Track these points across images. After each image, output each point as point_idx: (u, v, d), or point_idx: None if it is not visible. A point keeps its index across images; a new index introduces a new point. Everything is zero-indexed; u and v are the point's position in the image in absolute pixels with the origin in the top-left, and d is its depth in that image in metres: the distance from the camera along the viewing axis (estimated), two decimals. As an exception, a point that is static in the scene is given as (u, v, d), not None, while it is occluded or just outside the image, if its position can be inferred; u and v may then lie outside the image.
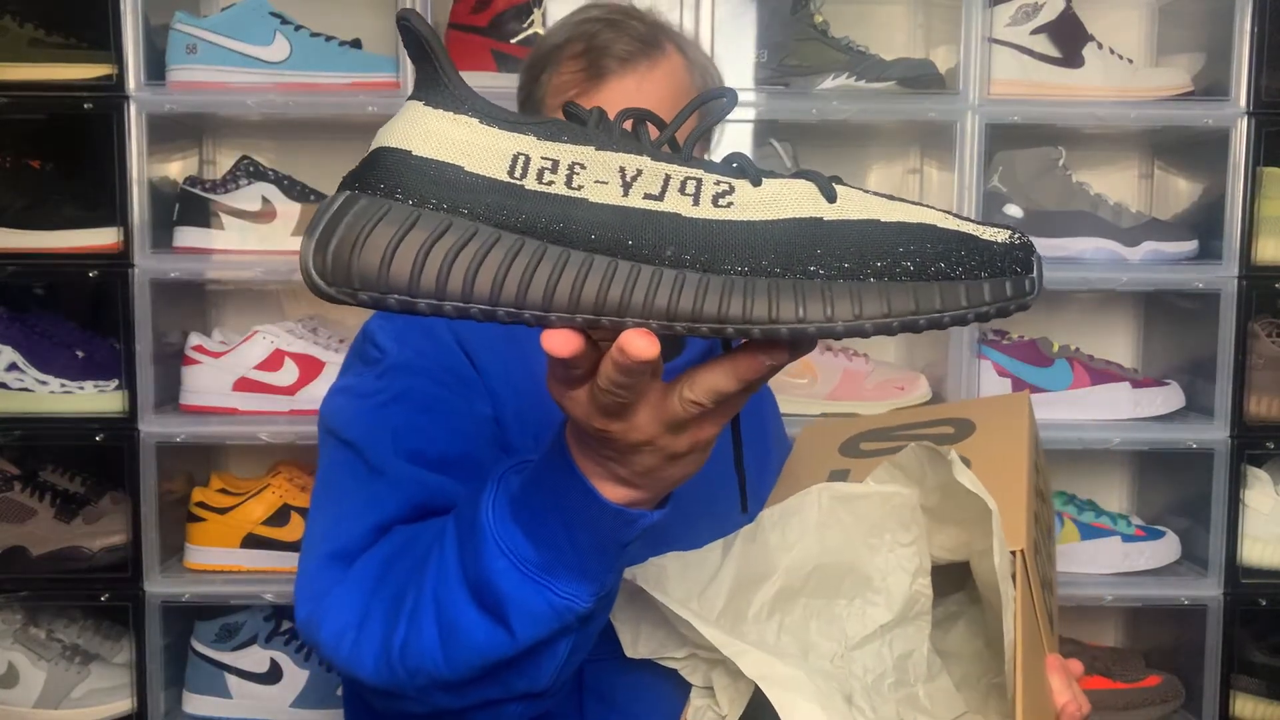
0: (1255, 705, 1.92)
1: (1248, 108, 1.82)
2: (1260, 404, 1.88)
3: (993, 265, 0.64)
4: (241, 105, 1.82)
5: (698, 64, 1.27)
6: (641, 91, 1.21)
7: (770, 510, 1.06)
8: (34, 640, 1.88)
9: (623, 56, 1.21)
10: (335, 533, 0.98)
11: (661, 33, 1.25)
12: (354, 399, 1.09)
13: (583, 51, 1.22)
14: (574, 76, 1.22)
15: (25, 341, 1.87)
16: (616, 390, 0.69)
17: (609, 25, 1.22)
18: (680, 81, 1.24)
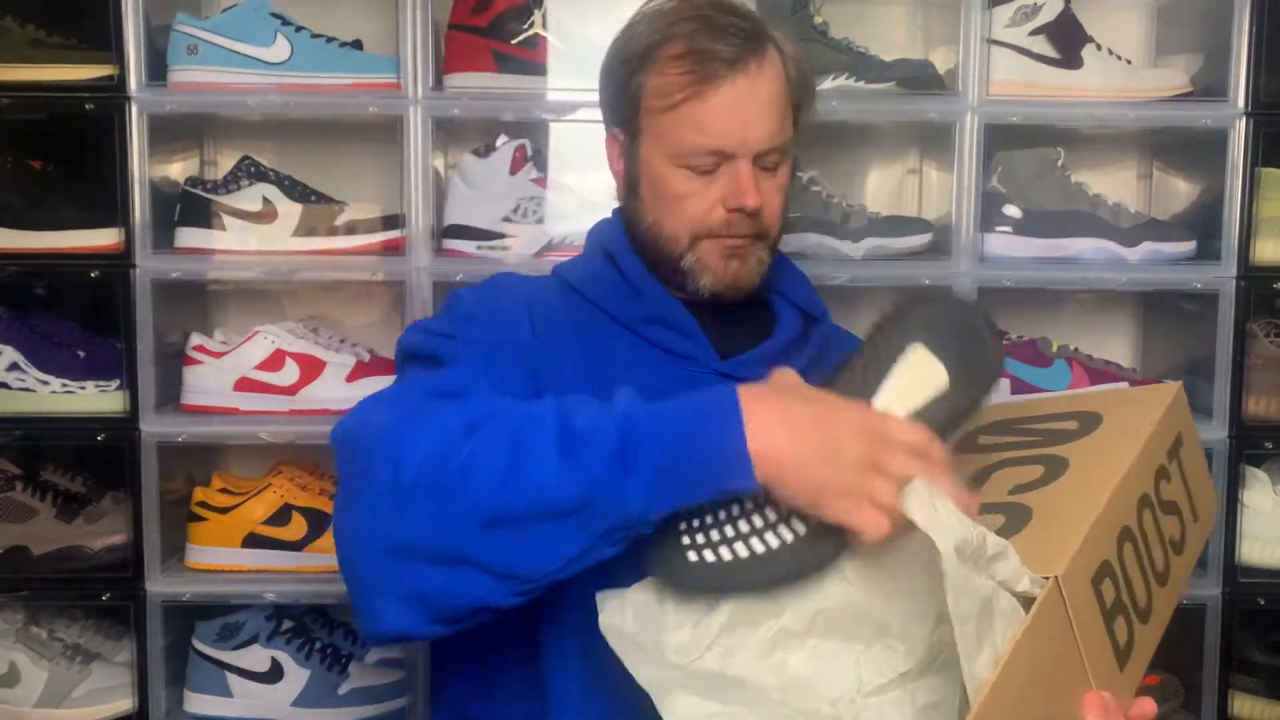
0: (1254, 704, 1.92)
1: (1246, 108, 1.83)
2: (1259, 404, 1.89)
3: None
4: (242, 106, 1.82)
5: (792, 56, 1.28)
6: (754, 91, 1.23)
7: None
8: (35, 640, 1.88)
9: (731, 59, 1.22)
10: (386, 397, 1.11)
11: (761, 28, 1.26)
12: (422, 333, 1.21)
13: (685, 53, 1.23)
14: (680, 79, 1.23)
15: (26, 341, 1.87)
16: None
17: (708, 25, 1.23)
18: (780, 73, 1.26)
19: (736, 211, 1.24)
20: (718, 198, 1.25)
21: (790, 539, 0.97)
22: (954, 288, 1.55)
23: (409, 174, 1.81)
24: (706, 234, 1.26)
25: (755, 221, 1.26)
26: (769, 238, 1.29)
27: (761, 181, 1.25)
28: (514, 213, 1.87)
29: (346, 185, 1.96)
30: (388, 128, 1.82)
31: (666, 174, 1.26)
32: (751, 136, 1.23)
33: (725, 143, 1.23)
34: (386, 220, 1.89)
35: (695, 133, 1.23)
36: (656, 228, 1.29)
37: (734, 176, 1.24)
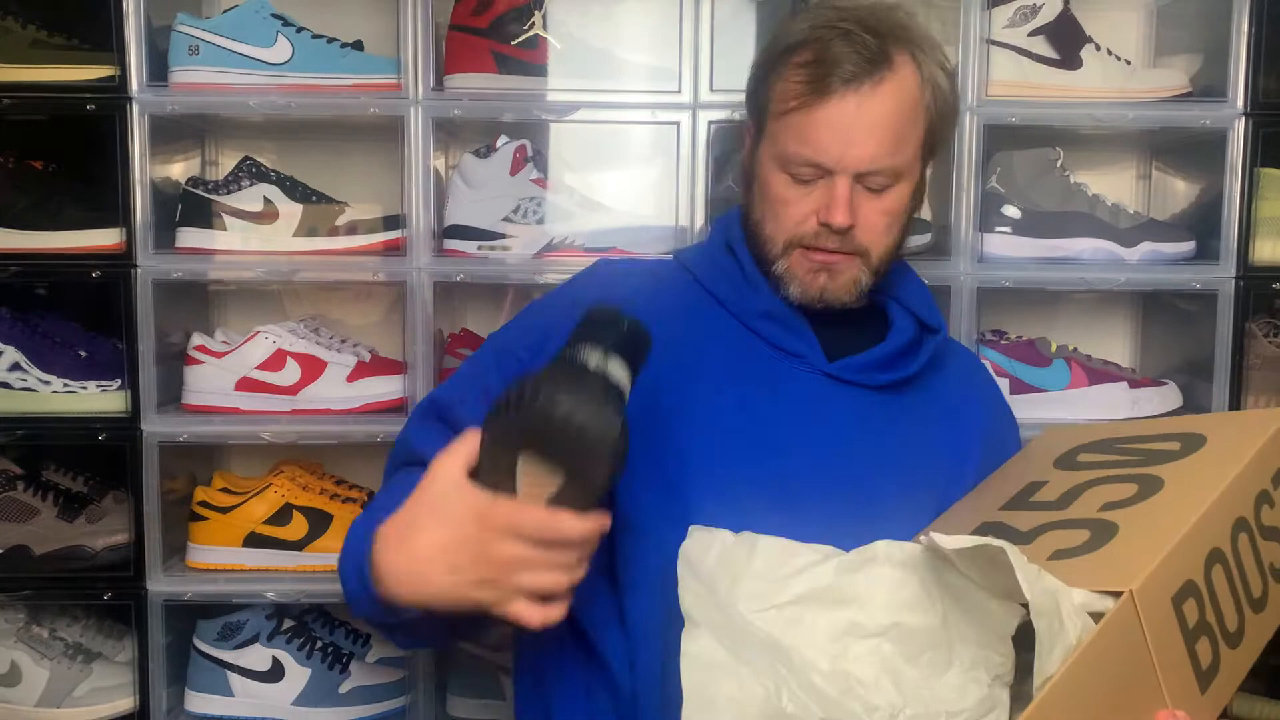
0: (1253, 704, 1.93)
1: (1245, 109, 1.83)
2: (1257, 404, 1.89)
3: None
4: (243, 106, 1.83)
5: (930, 78, 1.27)
6: (862, 111, 1.23)
7: (889, 547, 1.06)
8: (36, 639, 1.88)
9: (846, 76, 1.22)
10: (389, 460, 1.35)
11: (895, 44, 1.25)
12: (485, 344, 1.38)
13: (810, 62, 1.23)
14: (797, 87, 1.24)
15: (28, 342, 1.88)
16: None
17: (843, 36, 1.23)
18: (906, 100, 1.25)
19: (826, 226, 1.25)
20: (812, 209, 1.26)
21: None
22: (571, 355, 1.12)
23: (409, 174, 1.81)
24: (798, 243, 1.27)
25: (847, 239, 1.26)
26: (869, 257, 1.28)
27: (862, 201, 1.26)
28: (514, 213, 1.88)
29: (347, 186, 1.97)
30: (388, 128, 1.82)
31: (771, 176, 1.28)
32: (851, 155, 1.23)
33: (823, 157, 1.24)
34: (387, 220, 1.90)
35: (798, 142, 1.24)
36: (759, 227, 1.31)
37: (830, 191, 1.24)
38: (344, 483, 1.96)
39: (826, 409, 1.28)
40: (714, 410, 1.25)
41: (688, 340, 1.28)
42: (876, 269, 1.30)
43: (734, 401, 1.26)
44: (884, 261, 1.31)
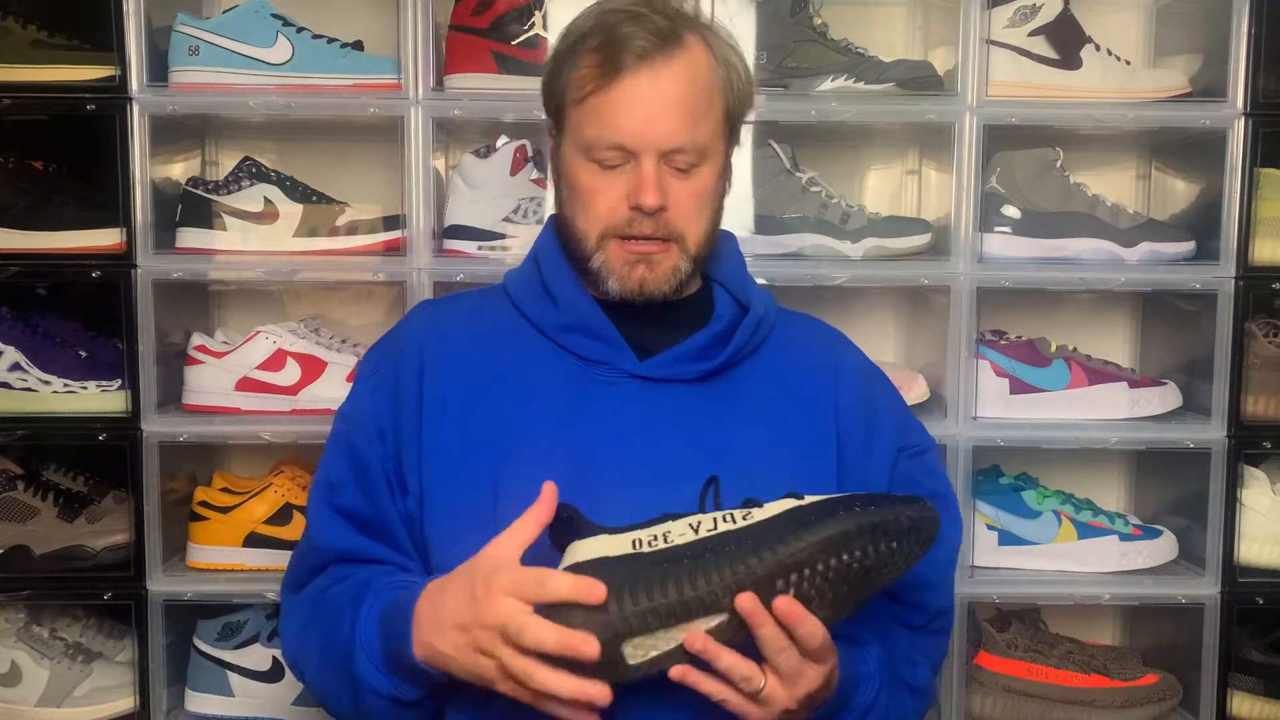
0: (1253, 703, 1.93)
1: (1245, 109, 1.83)
2: (1257, 404, 1.89)
3: (901, 500, 1.09)
4: (243, 106, 1.83)
5: (723, 59, 1.26)
6: (655, 87, 1.21)
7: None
8: (37, 639, 1.89)
9: (639, 53, 1.21)
10: (292, 566, 1.33)
11: (684, 24, 1.24)
12: (333, 426, 1.33)
13: (600, 45, 1.22)
14: (591, 72, 1.22)
15: (28, 341, 1.88)
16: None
17: (630, 18, 1.22)
18: (700, 78, 1.24)
19: (637, 210, 1.23)
20: (622, 195, 1.23)
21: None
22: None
23: (410, 174, 1.82)
24: (613, 233, 1.25)
25: (660, 223, 1.24)
26: (685, 243, 1.26)
27: (671, 182, 1.23)
28: (514, 213, 1.88)
29: (347, 186, 1.97)
30: (389, 128, 1.82)
31: (577, 168, 1.26)
32: (652, 131, 1.21)
33: (624, 136, 1.22)
34: (387, 221, 1.90)
35: (598, 125, 1.22)
36: (572, 225, 1.28)
37: (637, 173, 1.22)
38: (344, 483, 1.97)
39: (633, 411, 1.25)
40: (525, 432, 1.24)
41: (501, 367, 1.28)
42: (695, 255, 1.27)
43: (543, 420, 1.25)
44: (701, 247, 1.28)
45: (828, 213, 1.89)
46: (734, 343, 1.29)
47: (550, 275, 1.30)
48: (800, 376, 1.33)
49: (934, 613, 1.34)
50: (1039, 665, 1.91)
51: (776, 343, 1.34)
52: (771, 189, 1.90)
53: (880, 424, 1.34)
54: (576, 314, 1.28)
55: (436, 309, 1.40)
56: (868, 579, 1.08)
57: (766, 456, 1.24)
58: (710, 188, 1.27)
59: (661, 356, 1.27)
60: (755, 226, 1.89)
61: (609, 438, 1.23)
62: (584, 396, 1.26)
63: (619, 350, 1.27)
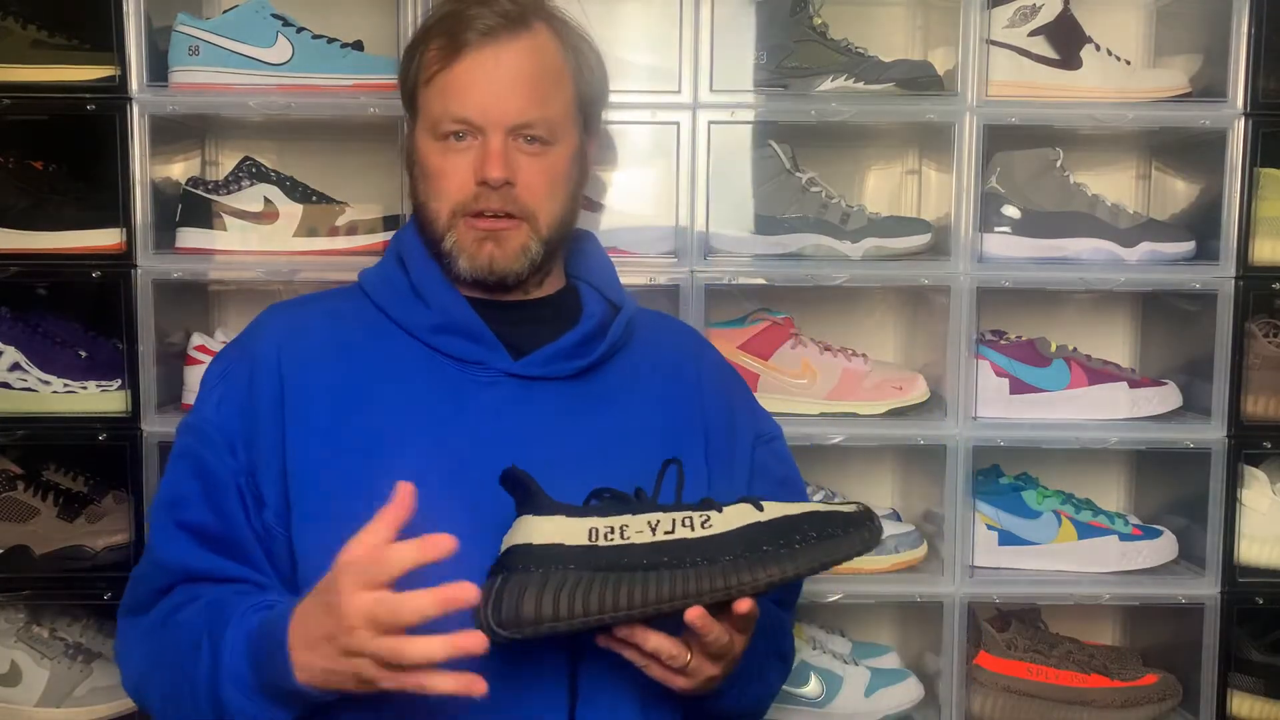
0: (1252, 703, 1.93)
1: (1245, 109, 1.83)
2: (1257, 404, 1.89)
3: (854, 524, 1.13)
4: (243, 106, 1.83)
5: (572, 46, 1.28)
6: (499, 62, 1.23)
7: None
8: (37, 639, 1.88)
9: (482, 30, 1.22)
10: (132, 587, 1.28)
11: (532, 12, 1.25)
12: (178, 437, 1.28)
13: (448, 28, 1.24)
14: (437, 53, 1.24)
15: (28, 342, 1.88)
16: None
17: (478, 2, 1.24)
18: (548, 60, 1.26)
19: (484, 185, 1.23)
20: (470, 171, 1.24)
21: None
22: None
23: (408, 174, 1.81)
24: (463, 211, 1.25)
25: (508, 199, 1.24)
26: (536, 222, 1.26)
27: (520, 159, 1.24)
28: (514, 213, 1.88)
29: (347, 186, 1.97)
30: (388, 128, 1.82)
31: (427, 148, 1.26)
32: (497, 108, 1.22)
33: (469, 110, 1.23)
34: (387, 220, 1.90)
35: (444, 101, 1.24)
36: (424, 208, 1.28)
37: (484, 148, 1.23)
38: (344, 483, 1.96)
39: (510, 411, 1.24)
40: (400, 437, 1.21)
41: (370, 372, 1.25)
42: (547, 238, 1.27)
43: (419, 424, 1.23)
44: (554, 230, 1.28)
45: (828, 213, 1.89)
46: (608, 339, 1.30)
47: (419, 276, 1.29)
48: (668, 371, 1.36)
49: (799, 590, 1.44)
50: (1039, 665, 1.91)
51: (640, 340, 1.36)
52: (771, 189, 1.90)
53: (738, 414, 1.39)
54: (448, 315, 1.27)
55: (289, 311, 1.35)
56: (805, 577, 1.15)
57: (643, 450, 1.24)
58: (562, 170, 1.28)
59: (536, 355, 1.27)
60: (755, 226, 1.90)
61: (488, 438, 1.22)
62: (460, 397, 1.25)
63: (494, 350, 1.26)
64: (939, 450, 1.87)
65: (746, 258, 1.88)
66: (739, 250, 1.88)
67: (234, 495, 1.22)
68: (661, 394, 1.33)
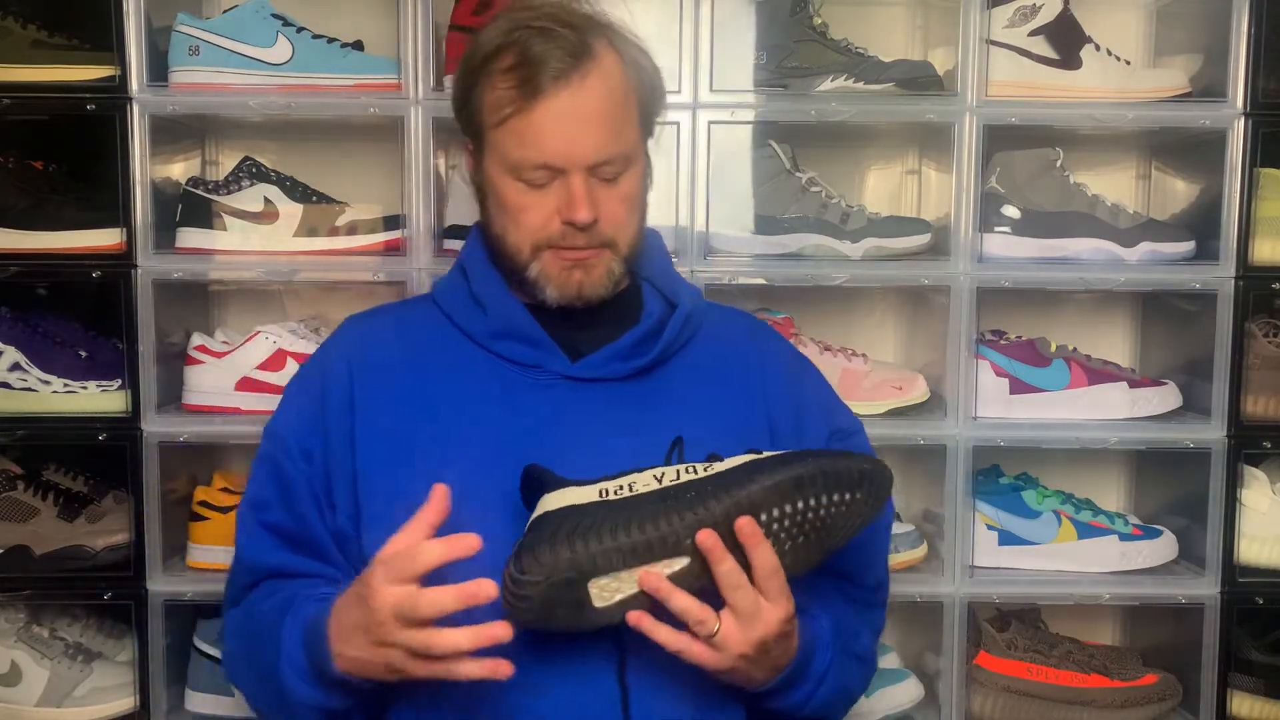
0: (1253, 703, 1.93)
1: (1245, 109, 1.83)
2: (1257, 404, 1.89)
3: (853, 455, 1.16)
4: (244, 106, 1.83)
5: (631, 61, 1.29)
6: (575, 105, 1.23)
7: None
8: (37, 639, 1.89)
9: (555, 74, 1.22)
10: (228, 583, 1.36)
11: (592, 34, 1.26)
12: (261, 442, 1.36)
13: (515, 65, 1.23)
14: (508, 94, 1.24)
15: (28, 342, 1.88)
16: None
17: (540, 35, 1.23)
18: (615, 84, 1.27)
19: (569, 224, 1.25)
20: (553, 210, 1.26)
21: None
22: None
23: (410, 174, 1.82)
24: (547, 245, 1.27)
25: (593, 234, 1.26)
26: (617, 246, 1.29)
27: (600, 192, 1.26)
28: (514, 213, 1.88)
29: (347, 186, 1.97)
30: (389, 128, 1.83)
31: (504, 187, 1.27)
32: (578, 151, 1.24)
33: (552, 157, 1.24)
34: (387, 220, 1.90)
35: (522, 147, 1.24)
36: (502, 240, 1.30)
37: (566, 189, 1.24)
38: (344, 483, 1.96)
39: (565, 413, 1.28)
40: (461, 440, 1.26)
41: (435, 376, 1.30)
42: (626, 257, 1.31)
43: (479, 427, 1.27)
44: (632, 248, 1.31)
45: (828, 213, 1.89)
46: (663, 339, 1.31)
47: (479, 284, 1.32)
48: (729, 369, 1.36)
49: (872, 587, 1.40)
50: (1039, 665, 1.91)
51: (704, 337, 1.37)
52: (771, 189, 1.90)
53: (809, 410, 1.38)
54: (506, 320, 1.30)
55: (364, 323, 1.40)
56: (825, 531, 1.14)
57: (698, 448, 1.24)
58: (637, 190, 1.30)
59: (592, 357, 1.29)
60: (755, 226, 1.90)
61: (544, 441, 1.24)
62: (518, 401, 1.28)
63: (550, 353, 1.29)
64: (939, 450, 1.87)
65: (746, 258, 1.88)
66: (739, 250, 1.88)
67: (309, 500, 1.29)
68: (721, 391, 1.34)
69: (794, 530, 1.12)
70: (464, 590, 1.05)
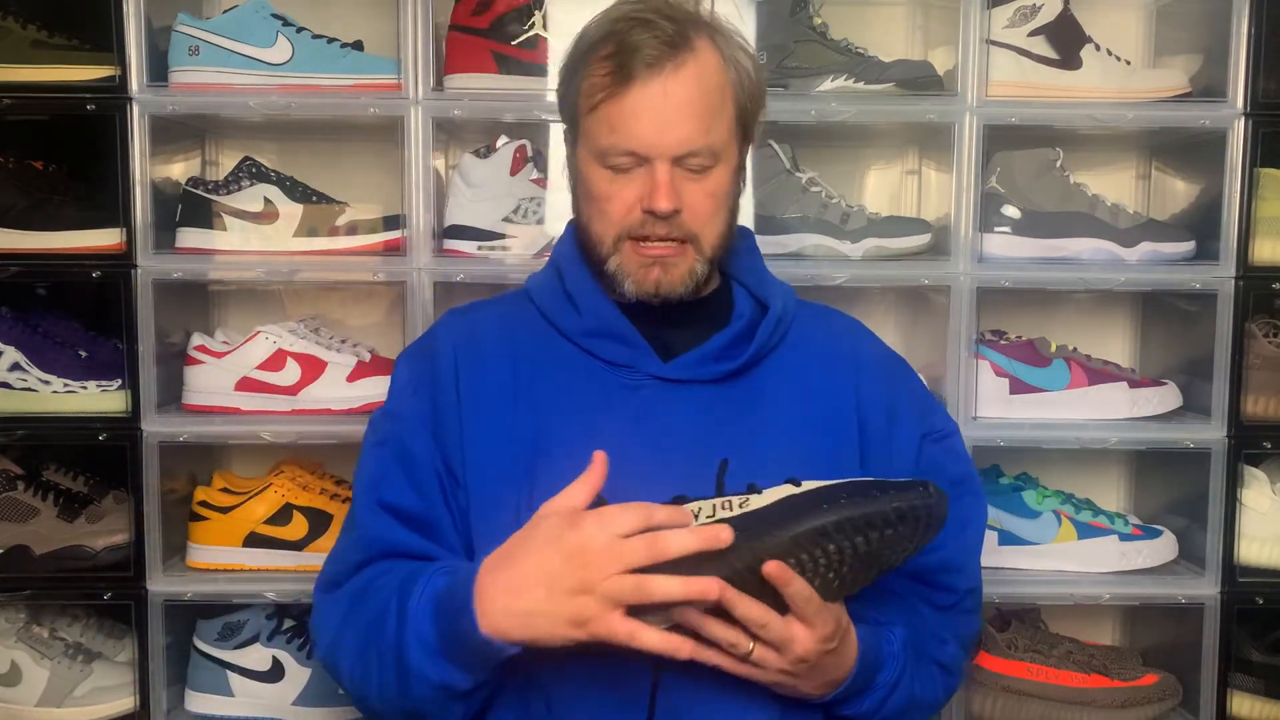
0: (1253, 703, 1.93)
1: (1245, 109, 1.83)
2: (1257, 403, 1.89)
3: (895, 488, 1.09)
4: (243, 106, 1.83)
5: (731, 59, 1.27)
6: (667, 94, 1.23)
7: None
8: (37, 639, 1.89)
9: (649, 61, 1.22)
10: (327, 566, 1.32)
11: (693, 28, 1.25)
12: (369, 431, 1.35)
13: (612, 53, 1.23)
14: (602, 80, 1.24)
15: (29, 342, 1.88)
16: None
17: (641, 25, 1.23)
18: (710, 80, 1.25)
19: (650, 213, 1.24)
20: (636, 198, 1.25)
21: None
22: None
23: (410, 174, 1.82)
24: (627, 235, 1.26)
25: (675, 225, 1.25)
26: (700, 244, 1.27)
27: (685, 185, 1.25)
28: (514, 213, 1.88)
29: (347, 186, 1.97)
30: (389, 128, 1.83)
31: (592, 174, 1.27)
32: (666, 139, 1.23)
33: (637, 144, 1.23)
34: (387, 221, 1.90)
35: (611, 133, 1.24)
36: (588, 229, 1.30)
37: (650, 178, 1.24)
38: (344, 483, 1.96)
39: (660, 414, 1.27)
40: (563, 442, 1.25)
41: (532, 372, 1.30)
42: (710, 256, 1.29)
43: (572, 422, 1.27)
44: (716, 248, 1.29)
45: (828, 213, 1.89)
46: (755, 342, 1.31)
47: (572, 282, 1.33)
48: (820, 370, 1.35)
49: (962, 593, 1.37)
50: (1039, 665, 1.91)
51: (796, 338, 1.36)
52: (771, 189, 1.90)
53: (902, 412, 1.36)
54: (599, 319, 1.30)
55: (466, 316, 1.40)
56: (868, 561, 1.11)
57: (790, 453, 1.25)
58: (725, 188, 1.29)
59: (684, 358, 1.29)
60: (755, 226, 1.89)
61: (635, 440, 1.24)
62: (610, 400, 1.28)
63: (642, 353, 1.29)
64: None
65: (746, 258, 1.87)
66: (739, 250, 1.88)
67: (434, 475, 1.28)
68: (814, 394, 1.33)
69: (829, 566, 1.10)
70: (703, 534, 1.05)
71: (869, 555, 1.10)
